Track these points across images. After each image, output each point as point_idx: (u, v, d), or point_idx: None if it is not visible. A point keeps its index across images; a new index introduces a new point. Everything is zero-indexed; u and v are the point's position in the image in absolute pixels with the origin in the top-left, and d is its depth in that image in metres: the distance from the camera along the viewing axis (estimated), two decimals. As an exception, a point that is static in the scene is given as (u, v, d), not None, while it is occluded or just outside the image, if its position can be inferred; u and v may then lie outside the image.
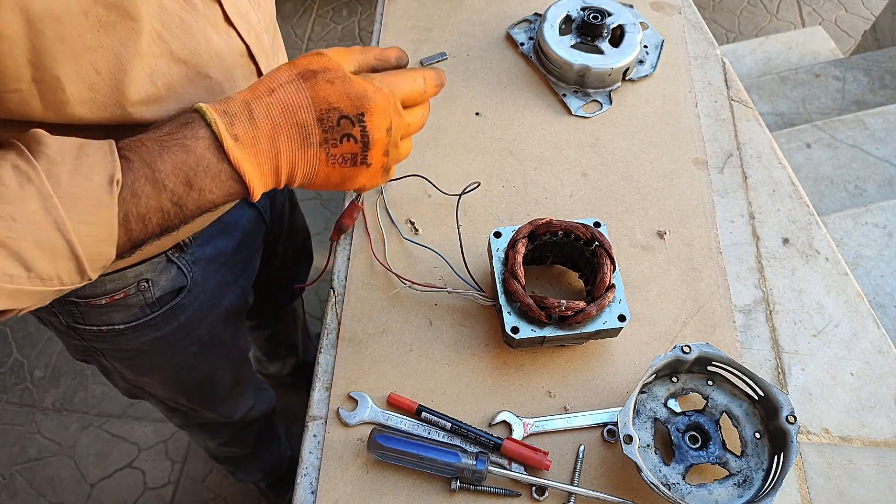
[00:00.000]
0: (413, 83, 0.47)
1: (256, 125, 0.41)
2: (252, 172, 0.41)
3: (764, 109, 1.40)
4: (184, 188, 0.40)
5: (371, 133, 0.43)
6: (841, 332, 0.61)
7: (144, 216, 0.40)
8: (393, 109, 0.44)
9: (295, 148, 0.42)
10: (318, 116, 0.42)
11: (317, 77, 0.42)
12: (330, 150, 0.43)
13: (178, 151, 0.40)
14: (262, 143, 0.41)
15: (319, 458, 0.55)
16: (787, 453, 0.50)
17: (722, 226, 0.68)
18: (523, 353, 0.59)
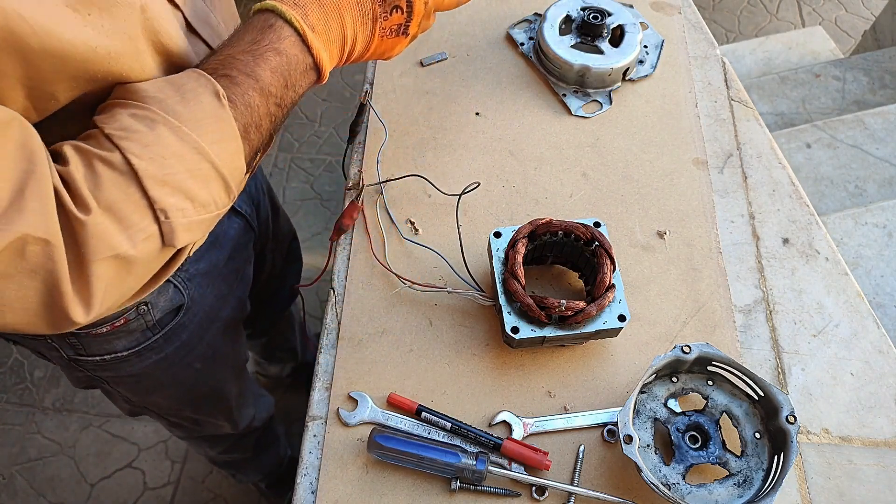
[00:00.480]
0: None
1: (326, 10, 0.44)
2: (325, 58, 0.44)
3: (764, 109, 1.40)
4: (283, 89, 0.43)
5: (415, 3, 0.49)
6: (841, 332, 0.61)
7: (259, 124, 0.42)
8: None
9: (357, 26, 0.46)
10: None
11: None
12: (382, 24, 0.48)
13: (272, 56, 0.42)
14: (332, 28, 0.45)
15: (319, 458, 0.55)
16: (787, 453, 0.50)
17: (722, 226, 0.68)
18: (523, 353, 0.59)
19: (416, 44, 0.81)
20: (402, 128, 0.74)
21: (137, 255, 0.38)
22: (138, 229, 0.37)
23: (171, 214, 0.38)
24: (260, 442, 1.06)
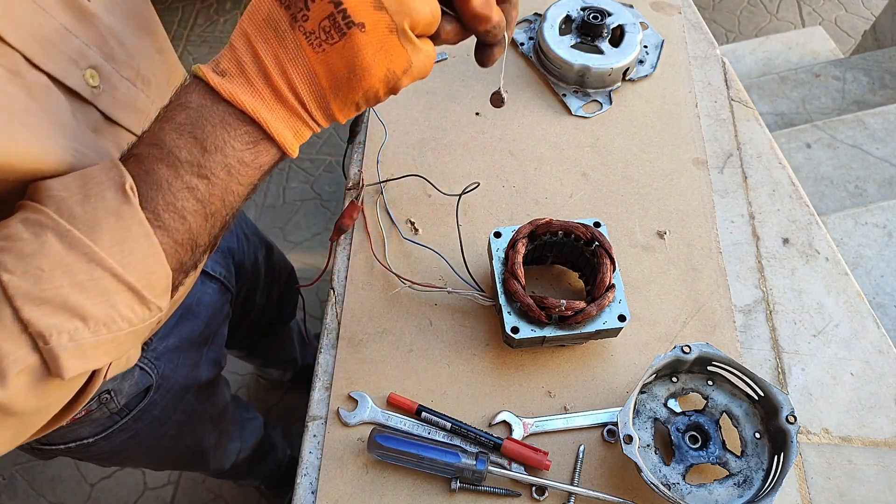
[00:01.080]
0: None
1: (235, 48, 0.35)
2: (252, 102, 0.35)
3: (764, 109, 1.40)
4: (198, 152, 0.35)
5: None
6: (841, 332, 0.61)
7: (174, 205, 0.34)
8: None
9: (274, 48, 0.35)
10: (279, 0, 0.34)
11: None
12: (305, 28, 0.34)
13: (175, 114, 0.35)
14: (246, 65, 0.35)
15: (319, 458, 0.55)
16: (787, 453, 0.50)
17: (722, 226, 0.68)
18: (523, 353, 0.59)
19: (416, 44, 0.81)
20: (402, 128, 0.74)
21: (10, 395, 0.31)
22: (11, 360, 0.30)
23: (53, 339, 0.31)
24: (256, 455, 1.05)
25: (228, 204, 0.37)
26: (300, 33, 0.34)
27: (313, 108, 0.36)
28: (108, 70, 0.44)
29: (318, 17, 0.34)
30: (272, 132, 0.36)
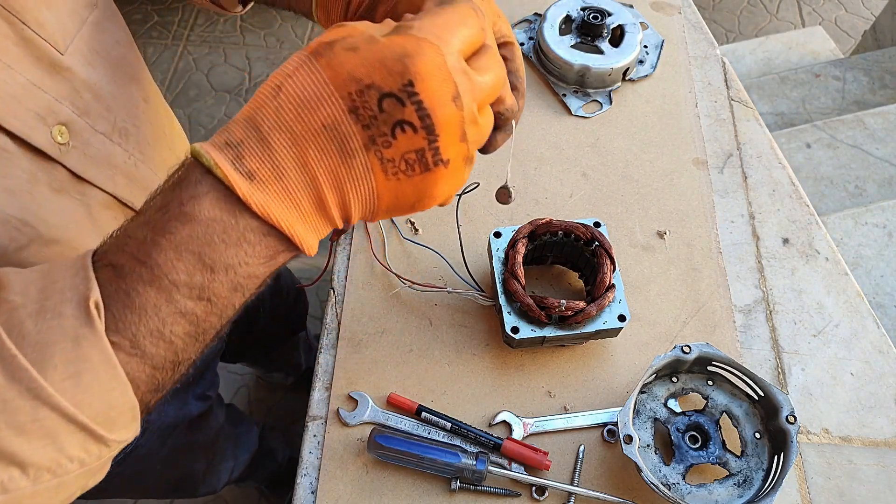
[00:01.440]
0: (464, 18, 0.31)
1: (271, 146, 0.28)
2: (289, 217, 0.29)
3: (764, 109, 1.40)
4: (202, 274, 0.28)
5: (432, 107, 0.29)
6: (841, 332, 0.61)
7: (160, 331, 0.28)
8: (453, 65, 0.29)
9: (334, 164, 0.29)
10: (349, 106, 0.28)
11: (334, 48, 0.28)
12: (383, 154, 0.29)
13: (176, 227, 0.28)
14: (287, 172, 0.28)
15: (319, 459, 0.55)
16: (787, 453, 0.50)
17: (722, 226, 0.68)
18: (523, 353, 0.59)
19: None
20: (401, 128, 0.73)
21: None
22: None
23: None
24: (252, 465, 1.04)
25: (226, 317, 0.31)
26: (375, 157, 0.29)
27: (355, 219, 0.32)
28: (81, 125, 0.42)
29: (404, 147, 0.29)
30: (302, 245, 0.30)
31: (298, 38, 2.11)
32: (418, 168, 0.30)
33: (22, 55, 0.38)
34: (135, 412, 0.29)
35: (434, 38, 0.29)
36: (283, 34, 2.12)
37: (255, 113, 0.29)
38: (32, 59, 0.38)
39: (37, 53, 0.38)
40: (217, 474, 0.90)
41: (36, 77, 0.39)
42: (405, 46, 0.28)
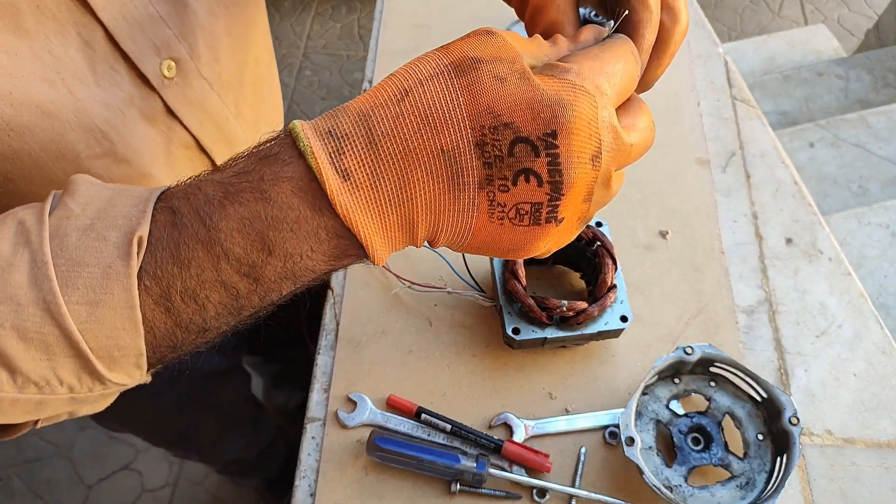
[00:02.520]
0: (625, 63, 0.28)
1: (378, 152, 0.26)
2: (371, 228, 0.27)
3: (767, 108, 1.39)
4: (258, 254, 0.26)
5: (567, 164, 0.26)
6: (844, 333, 0.61)
7: (196, 293, 0.27)
8: (606, 124, 0.27)
9: (439, 191, 0.26)
10: (477, 139, 0.25)
11: (479, 70, 0.25)
12: (496, 197, 0.27)
13: (249, 199, 0.26)
14: (385, 183, 0.26)
15: (318, 461, 0.54)
16: (790, 455, 0.49)
17: (724, 225, 0.67)
18: (524, 354, 0.59)
19: (415, 42, 0.80)
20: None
21: None
22: None
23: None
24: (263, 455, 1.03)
25: (269, 300, 0.29)
26: (485, 197, 0.27)
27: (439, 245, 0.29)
28: (189, 66, 0.44)
29: (521, 197, 0.26)
30: (374, 256, 0.28)
31: (297, 36, 2.11)
32: (528, 220, 0.27)
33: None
34: (140, 360, 0.28)
35: (592, 86, 0.27)
36: (283, 33, 2.11)
37: (371, 110, 0.26)
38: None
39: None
40: (224, 444, 0.89)
41: (165, 11, 0.41)
42: (560, 94, 0.26)
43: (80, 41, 0.37)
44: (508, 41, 0.27)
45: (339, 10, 2.16)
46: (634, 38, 0.31)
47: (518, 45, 0.27)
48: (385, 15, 0.83)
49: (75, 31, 0.37)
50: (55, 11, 0.35)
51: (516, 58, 0.26)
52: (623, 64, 0.28)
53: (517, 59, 0.26)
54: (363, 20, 2.13)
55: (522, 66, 0.26)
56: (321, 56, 2.04)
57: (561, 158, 0.26)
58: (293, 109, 1.91)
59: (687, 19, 0.33)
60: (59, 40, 0.36)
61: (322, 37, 2.10)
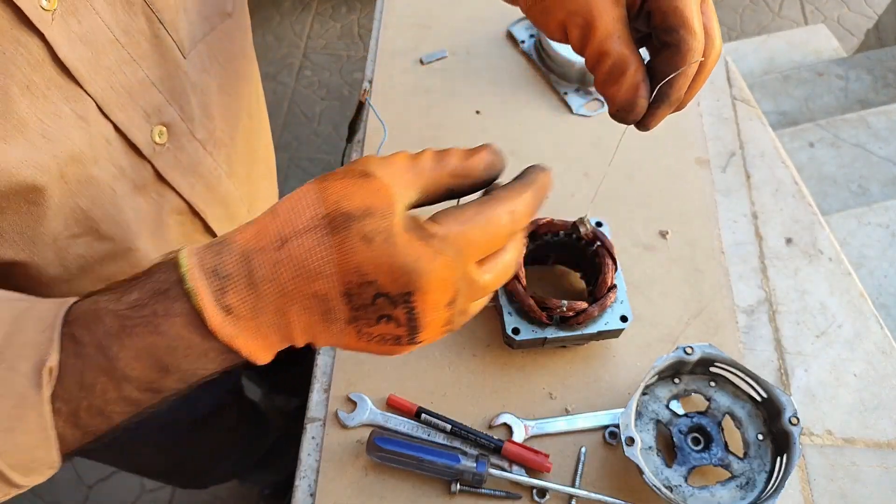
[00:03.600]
0: (496, 227, 0.31)
1: (258, 292, 0.29)
2: (252, 346, 0.30)
3: (767, 108, 1.39)
4: (156, 373, 0.29)
5: (421, 317, 0.30)
6: (844, 333, 0.61)
7: (101, 409, 0.29)
8: (461, 277, 0.31)
9: (313, 321, 0.30)
10: (345, 290, 0.29)
11: (350, 228, 0.28)
12: (362, 329, 0.31)
13: (143, 332, 0.28)
14: (265, 315, 0.29)
15: (318, 461, 0.54)
16: (790, 455, 0.49)
17: (725, 225, 0.67)
18: (524, 354, 0.59)
19: (415, 41, 0.80)
20: (401, 126, 0.73)
21: None
22: None
23: None
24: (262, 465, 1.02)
25: (170, 399, 0.31)
26: (353, 328, 0.30)
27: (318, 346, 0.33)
28: (181, 129, 0.42)
29: (383, 331, 0.31)
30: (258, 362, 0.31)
31: (297, 35, 2.11)
32: (391, 344, 0.32)
33: (150, 52, 0.38)
34: (54, 464, 0.30)
35: (453, 251, 0.30)
36: (283, 33, 2.11)
37: (252, 255, 0.29)
38: (157, 58, 0.39)
39: (162, 52, 0.39)
40: (215, 469, 0.88)
41: (155, 75, 0.39)
42: (419, 261, 0.29)
43: (74, 117, 0.35)
44: (385, 185, 0.29)
45: (339, 9, 2.16)
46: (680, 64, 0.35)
47: (396, 179, 0.30)
48: (385, 15, 0.83)
49: (68, 107, 0.35)
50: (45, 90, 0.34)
51: (387, 210, 0.29)
52: (494, 228, 0.31)
53: (388, 211, 0.29)
54: (363, 20, 2.13)
55: (390, 224, 0.29)
56: (321, 56, 2.04)
57: (416, 311, 0.30)
58: (293, 110, 1.91)
59: (721, 43, 0.37)
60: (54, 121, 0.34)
61: (322, 36, 2.10)
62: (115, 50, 0.36)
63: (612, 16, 0.36)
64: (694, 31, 0.35)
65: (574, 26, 0.37)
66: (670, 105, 0.38)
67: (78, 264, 0.39)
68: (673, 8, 0.35)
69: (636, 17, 0.37)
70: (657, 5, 0.35)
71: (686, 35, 0.35)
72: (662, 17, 0.35)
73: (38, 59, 0.33)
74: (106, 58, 0.36)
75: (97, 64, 0.35)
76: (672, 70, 0.36)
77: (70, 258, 0.39)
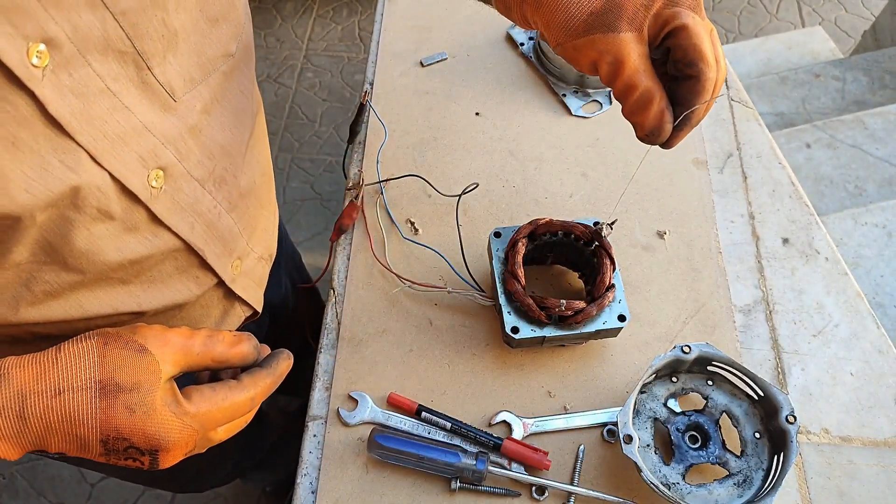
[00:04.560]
0: (237, 408, 0.40)
1: (26, 423, 0.34)
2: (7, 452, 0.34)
3: (764, 109, 1.40)
4: None
5: (162, 463, 0.38)
6: (841, 332, 0.61)
7: None
8: (200, 439, 0.39)
9: (69, 449, 0.36)
10: (102, 438, 0.35)
11: (118, 398, 0.35)
12: (111, 459, 0.37)
13: None
14: (27, 436, 0.34)
15: (319, 458, 0.55)
16: (787, 453, 0.50)
17: (722, 226, 0.68)
18: (523, 353, 0.59)
19: (416, 44, 0.81)
20: (401, 128, 0.74)
21: None
22: None
23: None
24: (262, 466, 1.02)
25: None
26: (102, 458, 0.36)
27: None
28: (178, 171, 0.42)
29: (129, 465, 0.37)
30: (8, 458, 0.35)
31: (299, 37, 2.11)
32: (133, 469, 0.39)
33: (140, 98, 0.37)
34: None
35: (198, 425, 0.38)
36: (284, 34, 2.12)
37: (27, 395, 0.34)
38: (148, 103, 0.38)
39: (152, 97, 0.38)
40: (215, 471, 0.89)
41: (148, 120, 0.39)
42: (170, 432, 0.36)
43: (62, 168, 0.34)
44: (155, 362, 0.36)
45: (340, 12, 2.17)
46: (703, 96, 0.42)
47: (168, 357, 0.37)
48: (386, 17, 0.84)
49: (56, 159, 0.34)
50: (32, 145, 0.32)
51: (152, 386, 0.36)
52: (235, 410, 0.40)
53: (153, 388, 0.36)
54: (364, 22, 2.14)
55: (152, 399, 0.36)
56: (322, 58, 2.05)
57: (160, 460, 0.37)
58: (294, 111, 1.92)
59: (726, 67, 0.43)
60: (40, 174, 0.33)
61: (323, 39, 2.11)
62: (107, 98, 0.35)
63: (638, 53, 0.41)
64: (710, 63, 0.41)
65: (604, 63, 0.42)
66: (691, 127, 0.44)
67: (43, 290, 0.39)
68: (692, 45, 0.40)
69: (654, 49, 0.42)
70: (677, 43, 0.41)
71: (705, 68, 0.41)
72: (683, 52, 0.40)
73: (25, 115, 0.31)
74: (97, 107, 0.35)
75: (88, 114, 0.34)
76: (693, 98, 0.42)
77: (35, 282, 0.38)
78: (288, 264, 0.80)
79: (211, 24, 0.41)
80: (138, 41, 0.36)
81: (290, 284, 0.81)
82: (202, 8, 0.40)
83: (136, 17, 0.35)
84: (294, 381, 1.14)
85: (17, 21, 0.29)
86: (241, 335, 0.41)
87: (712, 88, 0.42)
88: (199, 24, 0.40)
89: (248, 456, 0.95)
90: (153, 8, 0.36)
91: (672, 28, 0.41)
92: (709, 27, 0.41)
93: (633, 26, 0.41)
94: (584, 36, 0.42)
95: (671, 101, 0.43)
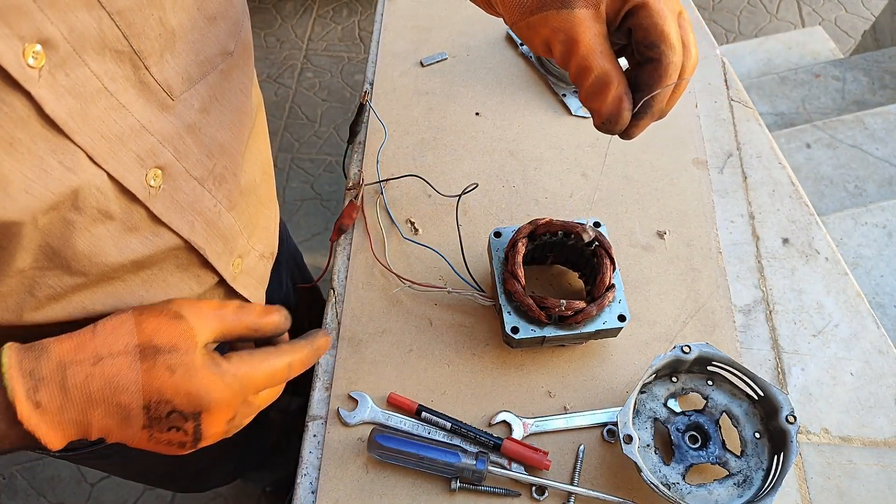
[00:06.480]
0: (276, 373, 0.41)
1: (68, 395, 0.34)
2: (51, 437, 0.34)
3: (764, 109, 1.40)
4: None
5: (205, 430, 0.38)
6: (841, 332, 0.61)
7: None
8: (240, 403, 0.39)
9: (111, 424, 0.36)
10: (145, 404, 0.35)
11: (157, 359, 0.35)
12: (154, 434, 0.37)
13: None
14: (69, 412, 0.34)
15: (319, 458, 0.55)
16: (787, 453, 0.50)
17: (722, 226, 0.68)
18: (523, 352, 0.59)
19: (416, 44, 0.81)
20: (401, 128, 0.74)
21: None
22: None
23: None
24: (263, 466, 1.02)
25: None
26: (146, 433, 0.37)
27: None
28: (177, 169, 0.42)
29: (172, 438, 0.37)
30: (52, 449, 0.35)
31: (299, 37, 2.11)
32: (176, 447, 0.38)
33: (137, 97, 0.37)
34: None
35: (239, 385, 0.38)
36: (284, 34, 2.12)
37: (68, 365, 0.34)
38: (145, 102, 0.38)
39: (149, 97, 0.38)
40: (215, 471, 0.89)
41: (146, 118, 0.38)
42: (210, 390, 0.36)
43: (61, 169, 0.34)
44: (191, 327, 0.37)
45: (339, 12, 2.17)
46: (664, 80, 0.38)
47: (202, 323, 0.37)
48: (385, 17, 0.84)
49: (55, 160, 0.33)
50: (30, 145, 0.32)
51: (189, 346, 0.36)
52: (274, 373, 0.40)
53: (191, 349, 0.36)
54: (364, 22, 2.14)
55: (191, 359, 0.36)
56: (322, 58, 2.05)
57: (203, 426, 0.38)
58: (294, 111, 1.92)
59: (697, 54, 0.39)
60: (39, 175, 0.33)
61: (323, 39, 2.11)
62: (104, 98, 0.35)
63: (594, 32, 0.38)
64: (673, 45, 0.37)
65: (557, 43, 0.39)
66: (653, 116, 0.41)
67: (46, 294, 0.39)
68: (653, 24, 0.37)
69: (615, 30, 0.39)
70: (638, 22, 0.38)
71: (666, 50, 0.37)
72: (644, 33, 0.38)
73: (22, 116, 0.31)
74: (94, 107, 0.35)
75: (85, 114, 0.34)
76: (654, 83, 0.39)
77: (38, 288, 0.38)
78: (289, 263, 0.80)
79: (209, 23, 0.41)
80: (135, 40, 0.35)
81: (290, 284, 0.81)
82: (200, 6, 0.40)
83: (132, 17, 0.35)
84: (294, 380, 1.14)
85: (13, 21, 0.29)
86: (271, 307, 0.42)
87: (675, 73, 0.38)
88: (196, 22, 0.40)
89: (248, 456, 0.95)
90: (150, 7, 0.36)
91: (632, 6, 0.37)
92: (676, 8, 0.38)
93: (588, 3, 0.38)
94: (538, 13, 0.39)
95: (634, 87, 0.40)
